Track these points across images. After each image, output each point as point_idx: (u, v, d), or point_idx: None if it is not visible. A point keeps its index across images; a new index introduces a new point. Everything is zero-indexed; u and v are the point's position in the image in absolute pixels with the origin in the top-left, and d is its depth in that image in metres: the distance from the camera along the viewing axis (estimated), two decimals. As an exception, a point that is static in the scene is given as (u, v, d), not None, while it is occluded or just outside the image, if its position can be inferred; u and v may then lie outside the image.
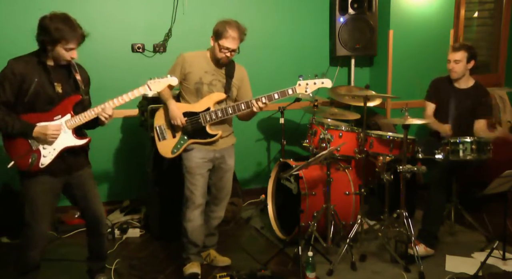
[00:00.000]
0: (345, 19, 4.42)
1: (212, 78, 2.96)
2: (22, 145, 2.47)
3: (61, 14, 2.42)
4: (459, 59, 3.46)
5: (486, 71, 5.25)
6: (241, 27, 2.89)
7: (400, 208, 3.18)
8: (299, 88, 2.89)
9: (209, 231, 3.22)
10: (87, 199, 2.68)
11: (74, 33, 2.40)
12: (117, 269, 3.08)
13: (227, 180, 3.13)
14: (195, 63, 2.95)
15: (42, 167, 2.48)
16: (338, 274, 3.04)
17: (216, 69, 2.97)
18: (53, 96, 2.48)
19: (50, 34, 2.36)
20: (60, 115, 2.50)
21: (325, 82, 2.90)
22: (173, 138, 3.00)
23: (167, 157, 3.03)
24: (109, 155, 4.22)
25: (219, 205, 3.18)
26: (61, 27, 2.37)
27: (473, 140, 3.17)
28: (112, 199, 4.23)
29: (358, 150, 3.34)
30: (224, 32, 2.83)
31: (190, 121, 2.94)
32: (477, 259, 3.17)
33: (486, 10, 5.17)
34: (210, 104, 2.94)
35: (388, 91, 4.52)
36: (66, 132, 2.51)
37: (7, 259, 3.28)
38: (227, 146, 3.08)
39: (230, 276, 2.90)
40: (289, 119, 4.54)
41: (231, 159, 3.11)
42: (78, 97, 2.54)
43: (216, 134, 2.95)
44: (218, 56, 2.90)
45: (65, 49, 2.41)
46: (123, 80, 4.06)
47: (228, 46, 2.85)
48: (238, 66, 3.07)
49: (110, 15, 4.04)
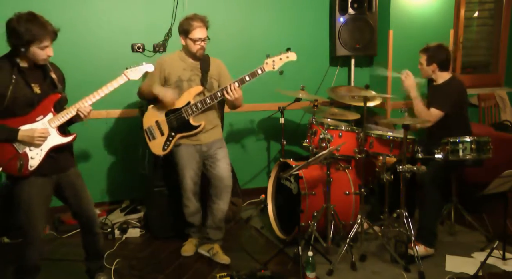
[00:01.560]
0: (345, 19, 4.42)
1: (190, 74, 3.17)
2: (8, 150, 2.42)
3: (27, 14, 2.37)
4: (420, 61, 3.50)
5: (486, 71, 5.26)
6: (201, 16, 3.13)
7: (400, 208, 3.18)
8: (266, 66, 3.13)
9: (214, 224, 3.31)
10: (79, 199, 2.67)
11: (45, 31, 2.36)
12: (117, 269, 3.08)
13: (221, 169, 3.25)
14: (173, 63, 3.18)
15: (31, 169, 2.46)
16: (338, 274, 3.04)
17: (192, 64, 3.19)
18: (32, 97, 2.44)
19: (21, 36, 2.32)
20: (42, 115, 2.47)
21: (290, 56, 3.13)
22: (162, 136, 3.21)
23: (160, 155, 3.24)
24: (109, 155, 4.22)
25: (220, 197, 3.27)
26: (30, 27, 2.32)
27: (473, 140, 3.16)
28: (112, 199, 4.23)
29: (358, 150, 3.34)
30: (189, 27, 3.07)
31: (175, 117, 3.15)
32: (477, 259, 3.17)
33: (486, 10, 5.17)
34: (190, 98, 3.15)
35: (388, 91, 4.52)
36: (51, 131, 2.49)
37: (7, 259, 3.28)
38: (213, 139, 3.26)
39: (230, 276, 2.90)
40: (289, 119, 4.55)
41: (220, 149, 3.28)
42: (57, 96, 2.51)
43: (199, 124, 3.16)
44: (194, 50, 3.12)
45: (40, 48, 2.38)
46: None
47: (200, 36, 3.08)
48: (213, 59, 3.28)
49: (110, 15, 4.04)
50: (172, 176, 3.36)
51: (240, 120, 4.50)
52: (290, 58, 3.12)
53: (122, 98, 4.02)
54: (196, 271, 3.15)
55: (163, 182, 3.63)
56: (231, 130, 4.49)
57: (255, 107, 4.49)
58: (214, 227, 3.33)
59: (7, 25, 2.36)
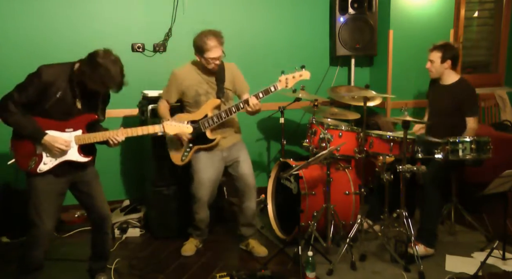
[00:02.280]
0: (345, 19, 4.42)
1: (207, 87, 3.19)
2: (28, 146, 2.51)
3: (114, 57, 2.44)
4: (433, 59, 3.47)
5: (486, 71, 5.26)
6: (216, 33, 3.08)
7: (400, 208, 3.18)
8: (280, 84, 3.09)
9: (246, 221, 3.40)
10: (93, 198, 2.70)
11: (114, 82, 2.43)
12: (117, 268, 3.08)
13: (244, 170, 3.31)
14: (188, 78, 3.19)
15: (39, 172, 2.51)
16: (338, 274, 3.04)
17: (208, 78, 3.22)
18: (72, 109, 2.52)
19: (92, 75, 2.37)
20: (72, 128, 2.54)
21: (303, 75, 3.10)
22: (181, 147, 3.24)
23: (178, 164, 3.26)
24: (109, 154, 4.20)
25: (247, 197, 3.34)
26: (105, 73, 2.37)
27: (473, 140, 3.16)
28: (112, 199, 4.21)
29: (358, 150, 3.34)
30: (204, 46, 3.05)
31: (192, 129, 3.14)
32: (477, 259, 3.17)
33: (486, 10, 5.17)
34: (208, 111, 3.17)
35: (388, 91, 4.52)
36: (73, 146, 2.55)
37: (7, 258, 3.28)
38: (231, 143, 3.29)
39: (230, 275, 2.90)
40: (289, 118, 4.54)
41: (240, 151, 3.33)
42: (94, 117, 2.60)
43: (215, 138, 3.19)
44: (209, 67, 3.11)
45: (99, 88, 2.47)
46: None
47: (215, 56, 3.06)
48: (227, 65, 3.27)
49: (110, 15, 4.04)
50: (174, 177, 3.35)
51: (240, 120, 4.49)
52: (303, 77, 3.09)
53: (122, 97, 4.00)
54: (196, 271, 3.15)
55: (164, 183, 3.63)
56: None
57: (255, 107, 4.48)
58: (246, 224, 3.41)
59: (91, 56, 2.40)
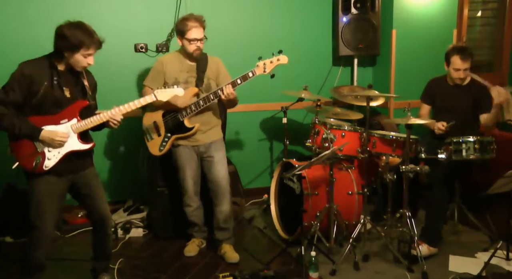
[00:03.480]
0: (348, 18, 4.41)
1: (187, 76, 3.17)
2: (28, 146, 2.50)
3: (77, 22, 2.47)
4: (468, 67, 3.42)
5: (490, 70, 5.24)
6: (197, 16, 3.10)
7: (403, 208, 3.18)
8: (258, 69, 3.08)
9: (218, 225, 3.32)
10: (93, 198, 2.70)
11: (92, 39, 2.46)
12: (120, 268, 3.09)
13: (217, 172, 3.25)
14: (170, 64, 3.18)
15: (46, 169, 2.51)
16: (341, 274, 3.04)
17: (189, 67, 3.19)
18: (61, 99, 2.51)
19: (69, 41, 2.40)
20: (67, 119, 2.53)
21: (281, 59, 3.06)
22: (159, 137, 3.24)
23: (156, 155, 3.26)
24: (111, 154, 4.23)
25: (219, 200, 3.28)
26: (79, 34, 2.42)
27: (476, 140, 3.16)
28: (115, 199, 4.23)
29: (361, 150, 3.34)
30: (185, 27, 3.05)
31: (171, 118, 3.16)
32: (481, 259, 3.16)
33: (489, 9, 5.15)
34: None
35: (391, 90, 4.51)
36: (72, 136, 2.55)
37: (11, 258, 3.29)
38: (212, 140, 3.26)
39: (233, 276, 2.90)
40: (292, 119, 4.54)
41: (217, 152, 3.27)
42: (85, 103, 2.59)
43: (193, 126, 3.16)
44: (190, 50, 3.09)
45: (84, 55, 2.46)
46: (126, 80, 4.08)
47: (195, 37, 3.06)
48: (211, 58, 3.26)
49: (113, 15, 4.05)
50: (174, 176, 3.37)
51: (243, 120, 4.50)
52: (281, 62, 3.05)
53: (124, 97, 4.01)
54: (199, 271, 3.15)
55: (166, 182, 3.64)
56: (234, 130, 4.49)
57: (258, 107, 4.49)
58: (219, 228, 3.34)
59: (57, 30, 2.44)
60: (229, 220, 3.36)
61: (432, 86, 3.70)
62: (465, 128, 3.40)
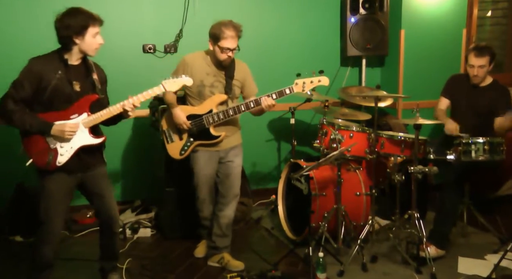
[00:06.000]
0: (356, 19, 4.40)
1: (214, 80, 3.03)
2: (40, 143, 2.51)
3: (69, 9, 2.48)
4: (484, 64, 3.34)
5: (500, 70, 5.19)
6: (236, 24, 2.93)
7: (411, 209, 3.16)
8: (296, 87, 2.94)
9: (220, 231, 3.20)
10: (102, 197, 2.71)
11: (93, 15, 2.48)
12: (129, 268, 3.11)
13: (234, 178, 3.17)
14: (196, 66, 3.02)
15: (59, 165, 2.51)
16: (349, 275, 3.03)
17: (217, 71, 3.03)
18: (71, 94, 2.51)
19: (75, 26, 2.42)
20: (77, 114, 2.53)
21: (322, 80, 2.91)
22: (180, 141, 3.12)
23: (176, 158, 3.13)
24: (120, 155, 4.25)
25: (226, 204, 3.19)
26: (80, 16, 2.44)
27: (486, 141, 3.12)
28: (124, 199, 4.25)
29: (369, 151, 3.33)
30: (221, 34, 2.87)
31: (195, 124, 3.04)
32: (490, 261, 3.14)
33: (499, 9, 5.11)
34: (213, 106, 3.01)
35: (399, 91, 4.49)
36: (83, 131, 2.55)
37: (21, 257, 3.32)
38: (232, 146, 3.16)
39: (241, 276, 2.91)
40: (300, 119, 4.54)
41: (237, 157, 3.18)
42: (95, 97, 2.57)
43: (219, 135, 3.05)
44: (220, 58, 2.95)
45: (93, 35, 2.47)
46: (134, 81, 4.08)
47: (229, 46, 2.90)
48: (239, 63, 3.12)
49: (121, 16, 4.07)
50: (185, 177, 3.35)
51: (251, 121, 4.48)
52: (322, 83, 2.89)
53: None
54: (207, 271, 3.16)
55: (174, 183, 3.64)
56: (241, 131, 4.48)
57: (265, 107, 4.48)
58: (221, 234, 3.20)
59: (56, 23, 2.45)
60: (230, 227, 3.25)
61: (453, 81, 3.64)
62: (481, 130, 3.31)
